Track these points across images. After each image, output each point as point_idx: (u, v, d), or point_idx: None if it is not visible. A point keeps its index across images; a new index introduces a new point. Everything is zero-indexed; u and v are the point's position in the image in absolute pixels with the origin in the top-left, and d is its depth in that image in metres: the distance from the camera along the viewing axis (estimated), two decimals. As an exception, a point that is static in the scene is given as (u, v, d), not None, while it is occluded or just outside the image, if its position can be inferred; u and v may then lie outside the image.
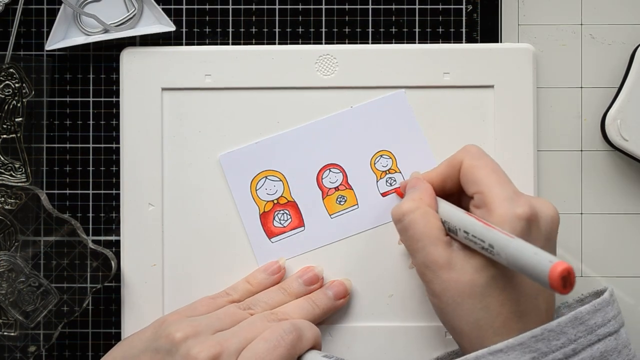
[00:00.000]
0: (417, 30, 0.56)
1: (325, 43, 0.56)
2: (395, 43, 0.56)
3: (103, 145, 0.56)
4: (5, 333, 0.54)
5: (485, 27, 0.56)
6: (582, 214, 0.56)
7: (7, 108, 0.54)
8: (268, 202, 0.54)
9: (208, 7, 0.56)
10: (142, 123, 0.54)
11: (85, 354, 0.55)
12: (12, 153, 0.54)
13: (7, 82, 0.54)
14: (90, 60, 0.56)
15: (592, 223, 0.56)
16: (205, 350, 0.45)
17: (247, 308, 0.50)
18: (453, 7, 0.56)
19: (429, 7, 0.56)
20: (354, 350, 0.54)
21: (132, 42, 0.56)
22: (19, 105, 0.54)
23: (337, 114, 0.55)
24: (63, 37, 0.55)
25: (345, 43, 0.56)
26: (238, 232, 0.54)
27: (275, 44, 0.56)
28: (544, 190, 0.55)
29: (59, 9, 0.54)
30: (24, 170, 0.54)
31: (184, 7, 0.56)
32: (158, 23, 0.55)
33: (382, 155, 0.55)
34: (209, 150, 0.55)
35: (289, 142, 0.55)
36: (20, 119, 0.54)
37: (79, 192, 0.56)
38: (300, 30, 0.56)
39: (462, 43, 0.55)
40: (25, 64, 0.54)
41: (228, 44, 0.56)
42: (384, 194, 0.55)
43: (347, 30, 0.56)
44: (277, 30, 0.56)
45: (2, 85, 0.54)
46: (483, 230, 0.44)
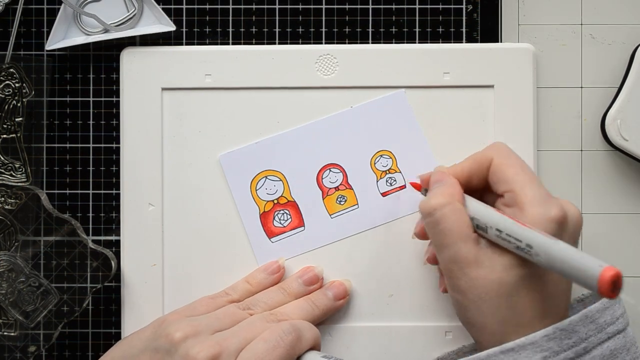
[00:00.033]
0: (417, 30, 0.56)
1: (325, 43, 0.56)
2: (395, 43, 0.56)
3: (103, 145, 0.56)
4: (5, 333, 0.54)
5: (485, 27, 0.56)
6: (582, 214, 0.55)
7: (7, 108, 0.54)
8: (268, 202, 0.54)
9: (208, 7, 0.56)
10: (142, 123, 0.54)
11: (85, 354, 0.55)
12: (12, 153, 0.54)
13: (7, 82, 0.54)
14: (90, 60, 0.56)
15: (592, 223, 0.55)
16: (205, 350, 0.45)
17: (246, 308, 0.50)
18: (453, 7, 0.56)
19: (429, 7, 0.56)
20: (354, 350, 0.54)
21: (132, 42, 0.56)
22: (19, 105, 0.54)
23: (337, 114, 0.55)
24: (63, 37, 0.55)
25: (345, 43, 0.56)
26: (238, 232, 0.54)
27: (275, 44, 0.56)
28: (544, 190, 0.55)
29: (59, 9, 0.54)
30: (24, 170, 0.54)
31: (184, 7, 0.56)
32: (158, 23, 0.55)
33: (382, 155, 0.55)
34: (209, 150, 0.55)
35: (289, 142, 0.55)
36: (20, 119, 0.54)
37: (79, 192, 0.56)
38: (300, 30, 0.56)
39: (462, 43, 0.55)
40: (25, 64, 0.54)
41: (228, 44, 0.56)
42: (384, 194, 0.55)
43: (347, 30, 0.56)
44: (277, 30, 0.56)
45: (2, 85, 0.54)
46: (520, 230, 0.44)
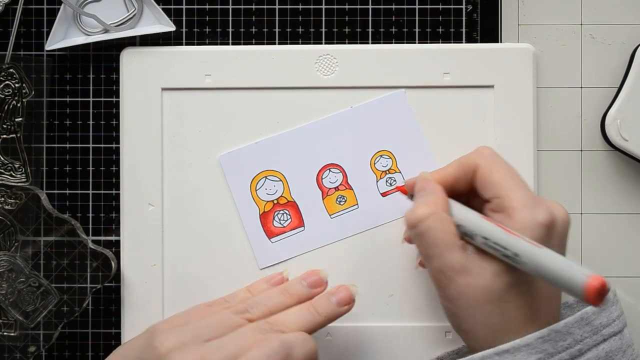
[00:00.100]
0: (417, 30, 0.56)
1: (325, 43, 0.56)
2: (395, 43, 0.56)
3: (103, 145, 0.56)
4: (5, 333, 0.54)
5: (485, 27, 0.56)
6: (582, 214, 0.56)
7: (7, 108, 0.54)
8: (268, 202, 0.54)
9: (208, 7, 0.56)
10: (142, 123, 0.54)
11: (85, 354, 0.55)
12: (12, 153, 0.54)
13: (7, 82, 0.54)
14: (90, 60, 0.56)
15: (592, 223, 0.56)
16: None
17: (244, 311, 0.48)
18: (453, 7, 0.56)
19: (429, 7, 0.56)
20: (354, 350, 0.54)
21: (132, 42, 0.55)
22: (19, 105, 0.54)
23: (337, 114, 0.55)
24: (63, 37, 0.55)
25: (345, 43, 0.56)
26: (238, 232, 0.54)
27: (275, 44, 0.56)
28: (544, 190, 0.55)
29: (59, 9, 0.54)
30: (24, 170, 0.54)
31: (184, 7, 0.56)
32: (158, 23, 0.55)
33: (382, 155, 0.55)
34: (209, 150, 0.55)
35: (289, 142, 0.55)
36: (20, 119, 0.54)
37: (79, 192, 0.56)
38: (300, 30, 0.56)
39: (462, 43, 0.55)
40: (25, 64, 0.54)
41: (228, 44, 0.56)
42: (384, 194, 0.55)
43: (347, 30, 0.56)
44: (277, 30, 0.56)
45: (2, 85, 0.54)
46: (507, 238, 0.44)
